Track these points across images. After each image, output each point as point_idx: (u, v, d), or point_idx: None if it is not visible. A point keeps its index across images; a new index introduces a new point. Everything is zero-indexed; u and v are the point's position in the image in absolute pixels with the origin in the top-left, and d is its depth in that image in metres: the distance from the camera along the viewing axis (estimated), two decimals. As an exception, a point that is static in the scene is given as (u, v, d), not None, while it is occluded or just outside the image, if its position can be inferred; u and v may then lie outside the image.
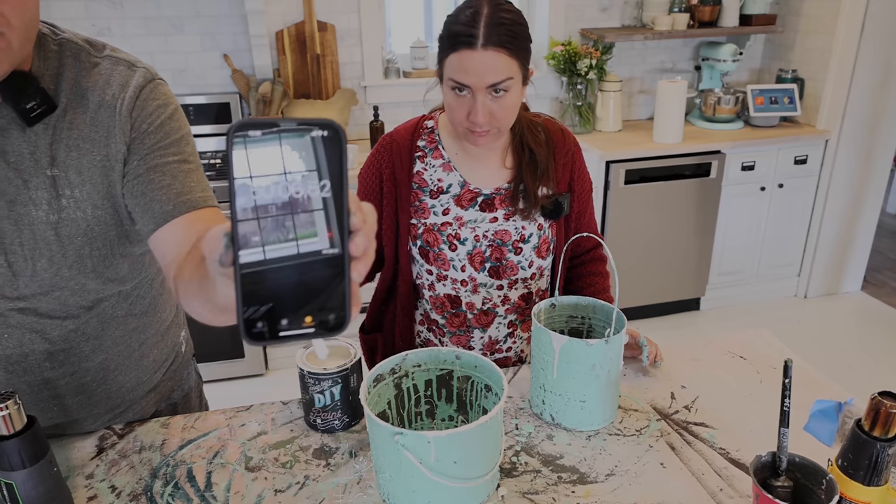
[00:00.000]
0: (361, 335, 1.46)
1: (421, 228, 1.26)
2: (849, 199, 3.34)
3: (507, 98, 1.12)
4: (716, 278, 3.33)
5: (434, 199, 1.26)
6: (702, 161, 3.03)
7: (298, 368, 1.09)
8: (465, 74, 1.09)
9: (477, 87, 1.10)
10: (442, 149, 1.27)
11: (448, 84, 1.13)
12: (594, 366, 1.05)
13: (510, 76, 1.11)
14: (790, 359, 0.81)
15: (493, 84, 1.10)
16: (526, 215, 1.26)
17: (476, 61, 1.08)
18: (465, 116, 1.13)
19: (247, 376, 2.84)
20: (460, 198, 1.26)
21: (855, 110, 3.15)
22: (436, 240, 1.25)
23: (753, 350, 1.33)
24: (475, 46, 1.08)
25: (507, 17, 1.09)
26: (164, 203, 0.91)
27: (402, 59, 3.17)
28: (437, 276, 1.28)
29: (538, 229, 1.27)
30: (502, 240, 1.26)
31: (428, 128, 1.29)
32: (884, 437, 0.79)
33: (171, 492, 0.97)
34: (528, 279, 1.30)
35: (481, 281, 1.27)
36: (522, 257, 1.27)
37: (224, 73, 2.93)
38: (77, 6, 2.70)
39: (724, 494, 0.95)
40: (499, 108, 1.12)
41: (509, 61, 1.10)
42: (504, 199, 1.26)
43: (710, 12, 3.19)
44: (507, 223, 1.26)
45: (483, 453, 0.91)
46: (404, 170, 1.25)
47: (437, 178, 1.26)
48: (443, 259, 1.26)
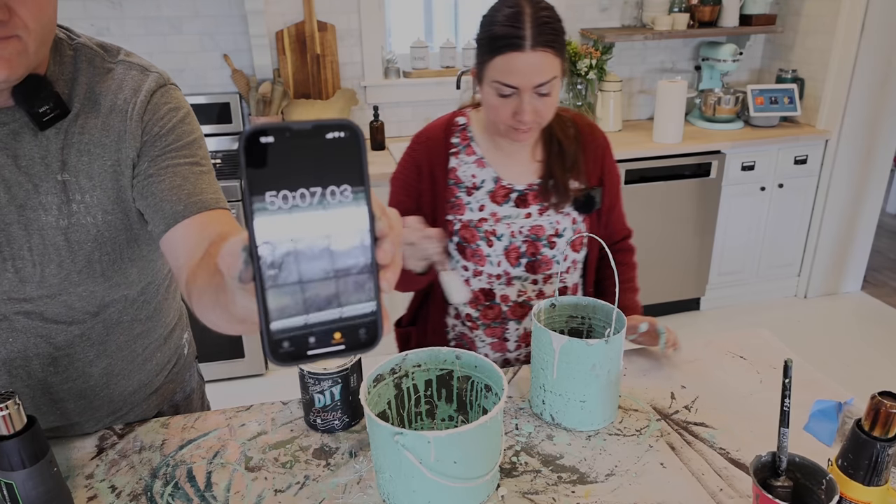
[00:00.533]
0: (396, 329, 1.49)
1: (458, 225, 1.27)
2: (849, 199, 3.34)
3: (552, 96, 1.14)
4: (716, 278, 3.33)
5: (469, 196, 1.27)
6: (702, 161, 3.03)
7: (298, 368, 1.09)
8: (513, 76, 1.10)
9: (524, 88, 1.11)
10: (475, 145, 1.28)
11: (492, 86, 1.14)
12: (594, 366, 1.05)
13: (555, 75, 1.12)
14: (790, 359, 0.81)
15: (540, 84, 1.11)
16: (559, 209, 1.28)
17: (524, 63, 1.09)
18: (511, 116, 1.15)
19: (247, 376, 2.84)
20: (494, 194, 1.27)
21: (855, 110, 3.15)
22: (473, 236, 1.26)
23: (753, 350, 1.33)
24: (523, 48, 1.08)
25: (549, 15, 1.10)
26: (176, 203, 0.91)
27: (402, 59, 3.17)
28: (474, 271, 1.29)
29: (572, 223, 1.29)
30: (537, 235, 1.27)
31: (460, 125, 1.30)
32: (884, 437, 0.79)
33: (171, 492, 0.97)
34: (563, 273, 1.32)
35: (516, 275, 1.29)
36: (557, 251, 1.29)
37: (224, 73, 2.93)
38: (77, 6, 2.70)
39: (724, 494, 0.95)
40: (543, 105, 1.14)
41: (554, 60, 1.11)
42: (537, 195, 1.28)
43: (710, 12, 3.19)
44: (542, 218, 1.28)
45: (483, 453, 0.91)
46: (441, 166, 1.27)
47: (471, 174, 1.27)
48: (479, 255, 1.27)
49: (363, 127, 3.12)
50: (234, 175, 2.57)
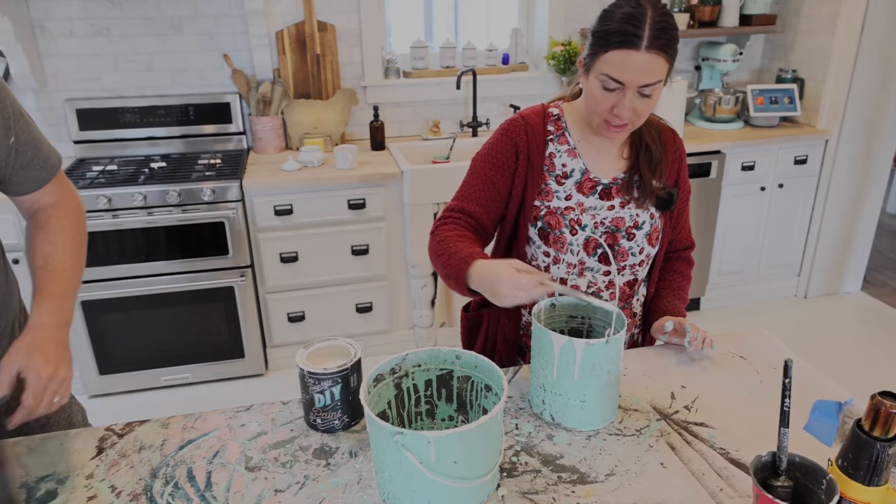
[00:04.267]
0: (463, 314, 1.50)
1: (544, 210, 1.30)
2: (849, 199, 3.34)
3: (653, 99, 1.18)
4: (716, 278, 3.33)
5: (559, 185, 1.31)
6: (702, 161, 3.03)
7: (298, 368, 1.09)
8: (623, 72, 1.13)
9: (630, 85, 1.14)
10: (568, 135, 1.32)
11: (599, 78, 1.17)
12: (594, 366, 1.05)
13: (661, 79, 1.16)
14: (790, 359, 0.81)
15: (646, 84, 1.14)
16: (640, 204, 1.32)
17: (636, 61, 1.12)
18: (609, 109, 1.18)
19: (247, 376, 2.84)
20: (581, 185, 1.31)
21: (855, 110, 3.15)
22: (558, 223, 1.30)
23: (753, 350, 1.33)
24: (639, 47, 1.11)
25: (668, 22, 1.13)
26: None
27: (402, 59, 3.17)
28: (554, 258, 1.32)
29: (650, 218, 1.33)
30: (617, 226, 1.31)
31: (554, 115, 1.34)
32: (884, 437, 0.79)
33: (171, 492, 0.97)
34: (637, 266, 1.34)
35: (589, 265, 1.32)
36: (634, 243, 1.32)
37: (224, 73, 2.93)
38: (77, 6, 2.70)
39: (724, 494, 0.95)
40: (643, 106, 1.18)
41: (664, 65, 1.15)
42: (620, 189, 1.32)
43: (710, 12, 3.19)
44: (623, 211, 1.32)
45: (483, 453, 0.91)
46: (539, 151, 1.30)
47: (563, 163, 1.31)
48: (562, 242, 1.30)
49: (363, 127, 3.13)
50: (234, 175, 2.57)
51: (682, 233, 1.46)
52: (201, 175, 2.58)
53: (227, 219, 2.53)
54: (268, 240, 2.64)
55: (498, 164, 1.30)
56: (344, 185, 2.63)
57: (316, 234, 2.68)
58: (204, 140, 2.94)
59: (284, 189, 2.58)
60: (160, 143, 2.89)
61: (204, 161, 2.78)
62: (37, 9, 2.67)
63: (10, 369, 0.96)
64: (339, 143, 3.03)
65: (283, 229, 2.64)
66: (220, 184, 2.51)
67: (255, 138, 2.92)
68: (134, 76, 2.84)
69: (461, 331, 1.51)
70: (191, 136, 2.92)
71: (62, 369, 1.00)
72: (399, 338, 2.96)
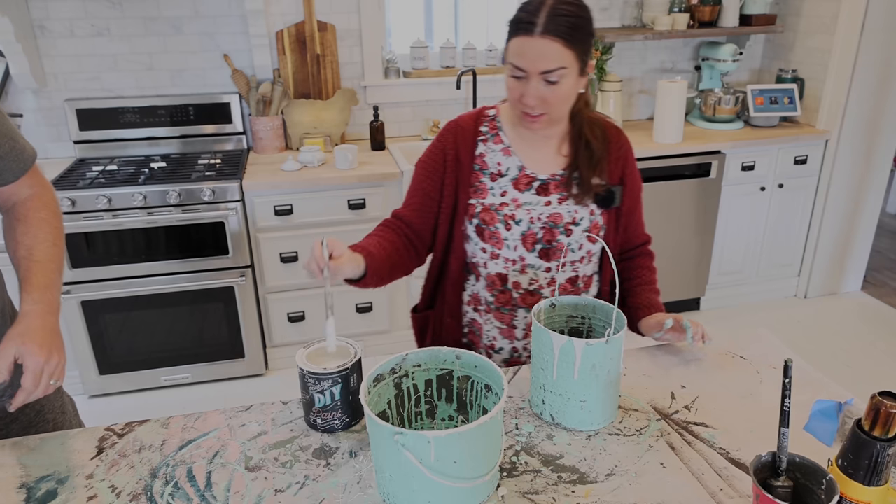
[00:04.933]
0: (413, 314, 1.52)
1: (479, 208, 1.32)
2: (849, 199, 3.33)
3: (560, 86, 1.19)
4: (716, 278, 3.33)
5: (493, 182, 1.33)
6: (702, 161, 3.03)
7: (298, 368, 1.09)
8: (521, 58, 1.17)
9: (531, 72, 1.17)
10: (502, 134, 1.34)
11: (508, 67, 1.21)
12: (594, 366, 1.05)
13: (563, 66, 1.17)
14: (790, 359, 0.81)
15: (546, 71, 1.17)
16: (579, 201, 1.33)
17: (532, 47, 1.16)
18: (519, 98, 1.22)
19: (247, 376, 2.84)
20: (518, 181, 1.33)
21: (855, 110, 3.15)
22: (492, 219, 1.31)
23: (753, 350, 1.33)
24: (533, 33, 1.15)
25: (569, 10, 1.16)
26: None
27: (402, 59, 3.17)
28: (491, 254, 1.34)
29: (590, 214, 1.34)
30: (554, 222, 1.32)
31: (490, 115, 1.37)
32: (884, 437, 0.79)
33: (171, 491, 0.97)
34: (577, 262, 1.35)
35: (530, 262, 1.33)
36: (573, 239, 1.33)
37: (224, 73, 2.93)
38: (77, 6, 2.70)
39: (724, 494, 0.95)
40: (551, 94, 1.19)
41: (564, 51, 1.16)
42: (559, 185, 1.33)
43: (710, 12, 3.19)
44: (561, 207, 1.32)
45: (483, 453, 0.91)
46: (468, 152, 1.33)
47: (497, 161, 1.33)
48: (497, 238, 1.32)
49: (363, 127, 3.13)
50: (234, 175, 2.57)
51: (637, 229, 1.46)
52: (201, 175, 2.58)
53: (226, 219, 2.53)
54: (268, 240, 2.64)
55: (428, 171, 1.36)
56: (344, 185, 2.63)
57: (316, 234, 2.68)
58: (204, 140, 2.94)
59: (284, 189, 2.58)
60: (160, 143, 2.89)
61: (204, 161, 2.78)
62: (37, 9, 2.67)
63: (7, 356, 1.01)
64: (339, 143, 3.03)
65: (283, 229, 2.64)
66: (219, 184, 2.51)
67: (255, 138, 2.92)
68: (134, 76, 2.84)
69: (414, 331, 1.54)
70: (191, 136, 2.92)
71: (56, 353, 1.05)
72: (399, 338, 2.96)
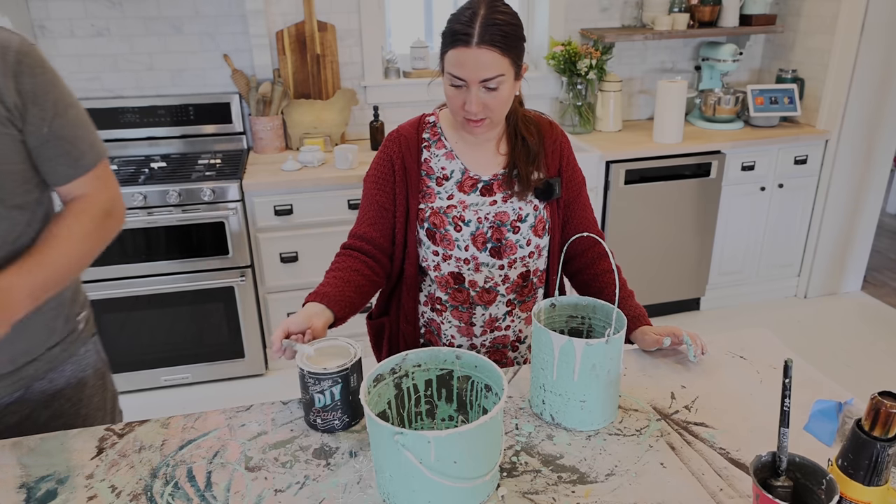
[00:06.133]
0: (368, 322, 1.53)
1: (428, 212, 1.35)
2: (849, 199, 3.34)
3: (500, 92, 1.22)
4: (716, 278, 3.33)
5: (439, 186, 1.35)
6: (702, 161, 3.03)
7: (298, 368, 1.09)
8: (461, 69, 1.19)
9: (471, 81, 1.20)
10: (444, 139, 1.37)
11: (447, 77, 1.23)
12: (594, 366, 1.05)
13: (501, 72, 1.20)
14: (790, 359, 0.81)
15: (486, 79, 1.19)
16: (522, 197, 1.35)
17: (470, 58, 1.18)
18: (461, 106, 1.24)
19: (247, 376, 2.84)
20: (462, 184, 1.35)
21: (855, 110, 3.15)
22: (442, 221, 1.34)
23: (753, 350, 1.33)
24: (470, 44, 1.17)
25: (501, 19, 1.19)
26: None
27: (402, 59, 3.17)
28: (443, 256, 1.36)
29: (534, 210, 1.36)
30: (501, 220, 1.34)
31: (430, 122, 1.39)
32: (884, 437, 0.79)
33: (171, 491, 0.97)
34: (527, 257, 1.37)
35: (483, 260, 1.35)
36: (521, 236, 1.35)
37: (224, 73, 2.93)
38: (77, 6, 2.70)
39: (724, 494, 0.95)
40: (492, 99, 1.22)
41: (501, 59, 1.19)
42: (501, 184, 1.36)
43: (710, 12, 3.19)
44: (506, 205, 1.35)
45: (483, 453, 0.91)
46: (413, 159, 1.35)
47: (441, 166, 1.36)
48: (448, 239, 1.34)
49: (363, 127, 3.13)
50: (234, 175, 2.57)
51: (584, 223, 1.42)
52: (201, 175, 2.58)
53: (226, 219, 2.54)
54: (268, 240, 2.64)
55: (378, 182, 1.36)
56: (344, 185, 2.63)
57: (316, 234, 2.68)
58: (204, 140, 2.94)
59: (284, 189, 2.58)
60: (160, 143, 2.89)
61: (204, 161, 2.78)
62: (37, 9, 2.67)
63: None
64: (339, 143, 3.03)
65: (283, 229, 2.64)
66: (220, 184, 2.51)
67: (255, 138, 2.92)
68: (134, 76, 2.84)
69: (369, 338, 1.54)
70: (191, 136, 2.92)
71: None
72: (399, 338, 2.96)
